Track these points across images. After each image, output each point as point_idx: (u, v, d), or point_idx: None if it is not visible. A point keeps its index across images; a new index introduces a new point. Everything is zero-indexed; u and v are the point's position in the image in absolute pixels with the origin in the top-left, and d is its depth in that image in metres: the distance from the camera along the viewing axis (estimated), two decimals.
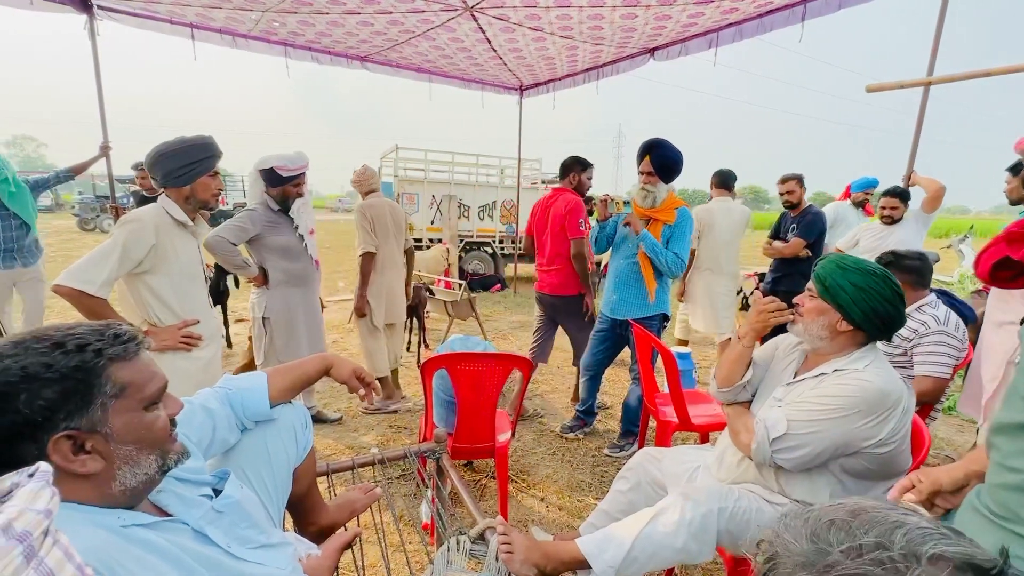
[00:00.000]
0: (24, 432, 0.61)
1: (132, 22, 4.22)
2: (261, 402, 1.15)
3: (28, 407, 0.61)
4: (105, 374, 0.68)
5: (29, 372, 0.62)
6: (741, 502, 1.32)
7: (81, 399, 0.65)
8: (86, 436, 0.66)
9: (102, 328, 0.71)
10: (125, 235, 1.57)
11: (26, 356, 0.63)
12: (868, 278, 1.32)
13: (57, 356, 0.64)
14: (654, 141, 2.57)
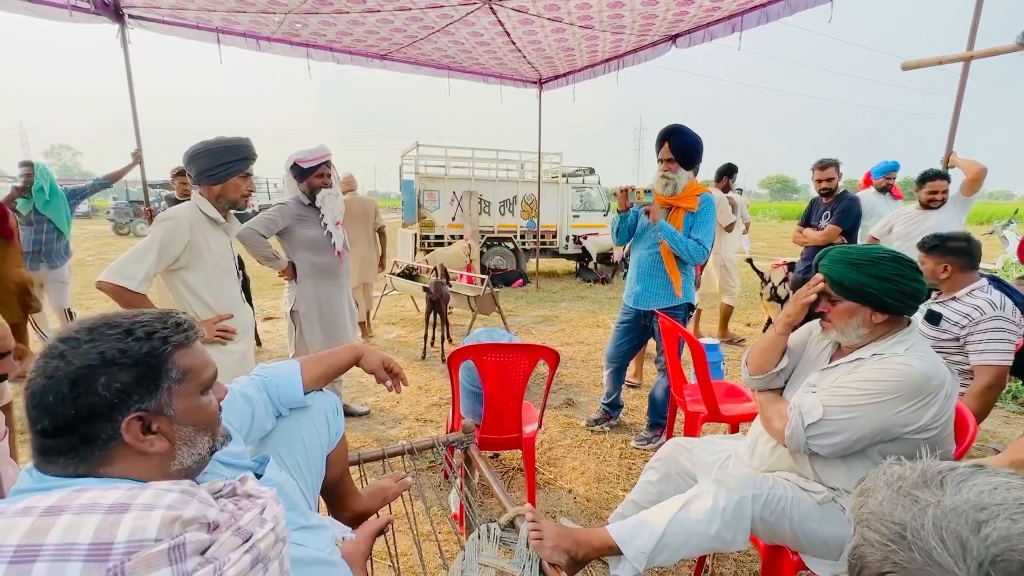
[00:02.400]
0: (103, 412, 0.65)
1: (161, 29, 4.36)
2: (296, 389, 1.18)
3: (107, 389, 0.65)
4: (171, 360, 0.71)
5: (107, 357, 0.66)
6: (776, 490, 1.29)
7: (151, 383, 0.69)
8: (153, 418, 0.69)
9: (164, 316, 0.74)
10: (162, 233, 1.63)
11: (102, 342, 0.66)
12: (883, 265, 1.29)
13: (130, 343, 0.68)
14: (673, 127, 2.53)
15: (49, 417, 0.63)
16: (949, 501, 0.37)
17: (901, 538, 0.37)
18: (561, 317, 6.03)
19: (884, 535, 0.38)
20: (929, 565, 0.35)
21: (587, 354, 4.54)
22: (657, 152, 2.55)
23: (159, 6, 3.95)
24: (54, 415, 0.63)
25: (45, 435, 0.64)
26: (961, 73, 2.94)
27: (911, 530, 0.37)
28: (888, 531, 0.38)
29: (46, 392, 0.63)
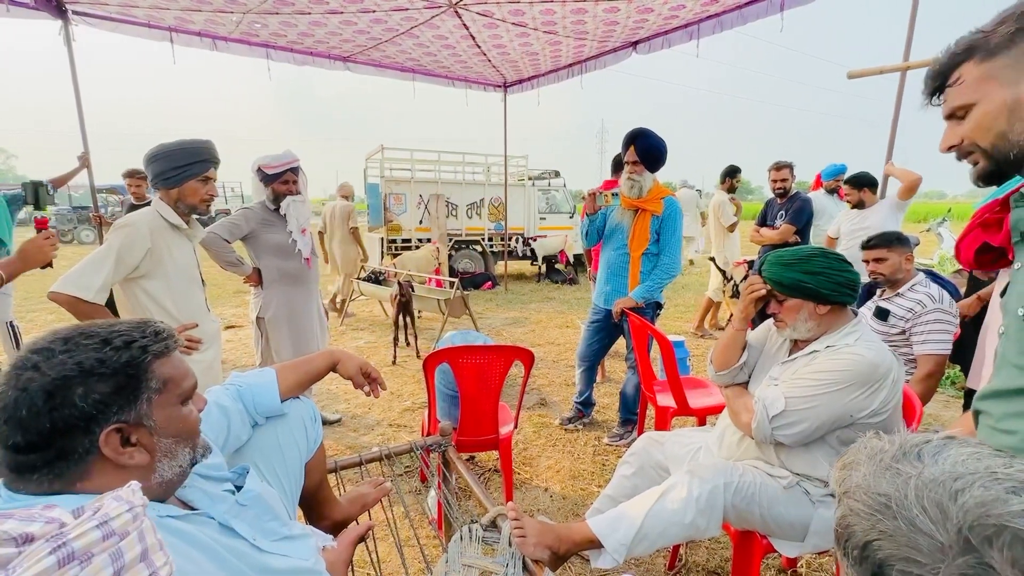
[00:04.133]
0: (80, 425, 0.63)
1: (108, 27, 4.15)
2: (272, 397, 1.15)
3: (84, 401, 0.63)
4: (151, 370, 0.70)
5: (84, 367, 0.64)
6: (745, 477, 1.36)
7: (131, 393, 0.67)
8: (133, 429, 0.67)
9: (142, 325, 0.72)
10: (120, 240, 1.56)
11: (79, 352, 0.64)
12: (812, 262, 1.41)
13: (108, 352, 0.66)
14: (638, 131, 2.61)
15: (23, 432, 0.61)
16: (928, 472, 0.41)
17: (886, 508, 0.41)
18: (531, 318, 6.08)
19: (870, 506, 0.42)
20: (913, 532, 0.38)
21: (557, 354, 4.60)
22: (623, 155, 2.62)
23: (106, 2, 3.77)
24: (28, 429, 0.61)
25: (18, 451, 0.61)
26: (899, 82, 3.16)
27: (895, 500, 0.40)
28: (874, 502, 0.42)
29: (19, 405, 0.61)
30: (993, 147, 0.79)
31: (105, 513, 0.40)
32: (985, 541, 0.35)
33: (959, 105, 0.81)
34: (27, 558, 0.33)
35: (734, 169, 4.91)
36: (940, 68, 0.83)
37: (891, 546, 0.39)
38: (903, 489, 0.41)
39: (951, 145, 0.85)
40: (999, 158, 0.80)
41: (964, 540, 0.36)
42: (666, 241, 2.60)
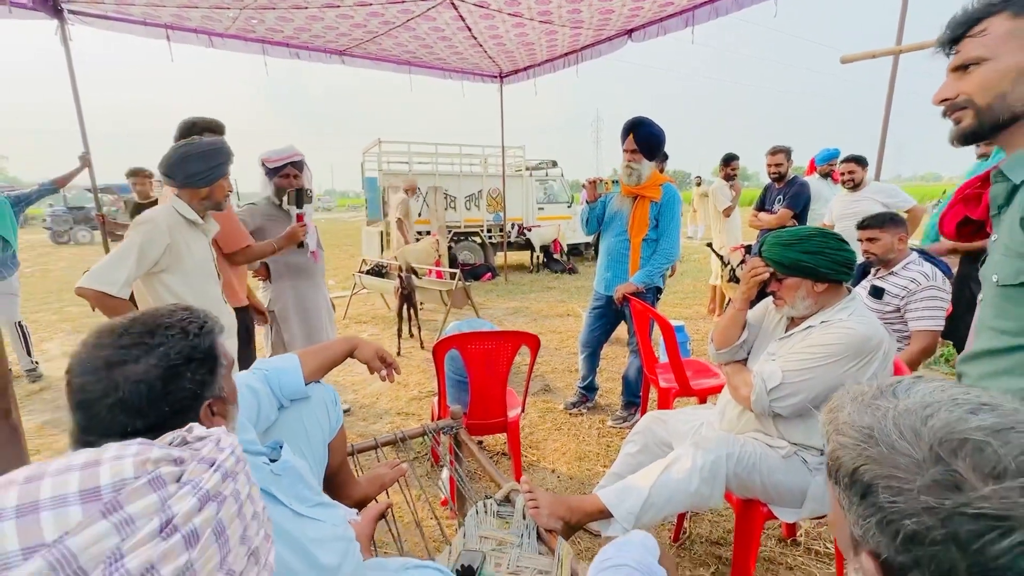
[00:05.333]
0: (189, 404, 0.73)
1: (104, 25, 4.16)
2: (297, 380, 1.22)
3: (191, 383, 0.72)
4: (220, 349, 0.79)
5: (184, 355, 0.72)
6: (746, 448, 1.43)
7: (214, 371, 0.77)
8: (216, 402, 0.77)
9: (196, 311, 0.80)
10: (141, 236, 1.61)
11: (171, 342, 0.72)
12: (810, 242, 1.47)
13: (193, 339, 0.74)
14: (637, 120, 2.66)
15: (143, 418, 0.68)
16: (902, 405, 0.48)
17: (870, 437, 0.47)
18: (531, 308, 6.14)
19: (855, 438, 0.49)
20: (893, 453, 0.45)
21: (559, 342, 4.67)
22: (622, 143, 2.67)
23: (102, 1, 3.77)
24: (147, 414, 0.68)
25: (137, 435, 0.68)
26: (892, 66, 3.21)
27: (877, 430, 0.47)
28: (858, 434, 0.48)
29: (134, 394, 0.67)
30: (988, 106, 0.80)
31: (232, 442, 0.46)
32: (951, 453, 0.42)
33: (973, 57, 0.81)
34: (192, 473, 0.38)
35: (731, 156, 4.96)
36: (970, 15, 0.81)
37: (876, 468, 0.45)
38: (883, 420, 0.47)
39: (945, 98, 0.86)
40: (988, 119, 0.81)
41: (935, 455, 0.43)
42: (665, 227, 2.65)
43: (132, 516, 0.34)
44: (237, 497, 0.41)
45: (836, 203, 3.75)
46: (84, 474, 0.35)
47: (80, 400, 0.70)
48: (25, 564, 0.30)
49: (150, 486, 0.36)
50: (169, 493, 0.36)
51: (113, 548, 0.32)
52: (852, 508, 0.48)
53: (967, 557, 0.40)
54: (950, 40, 0.86)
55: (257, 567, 0.42)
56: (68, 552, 0.31)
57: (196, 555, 0.35)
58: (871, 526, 0.46)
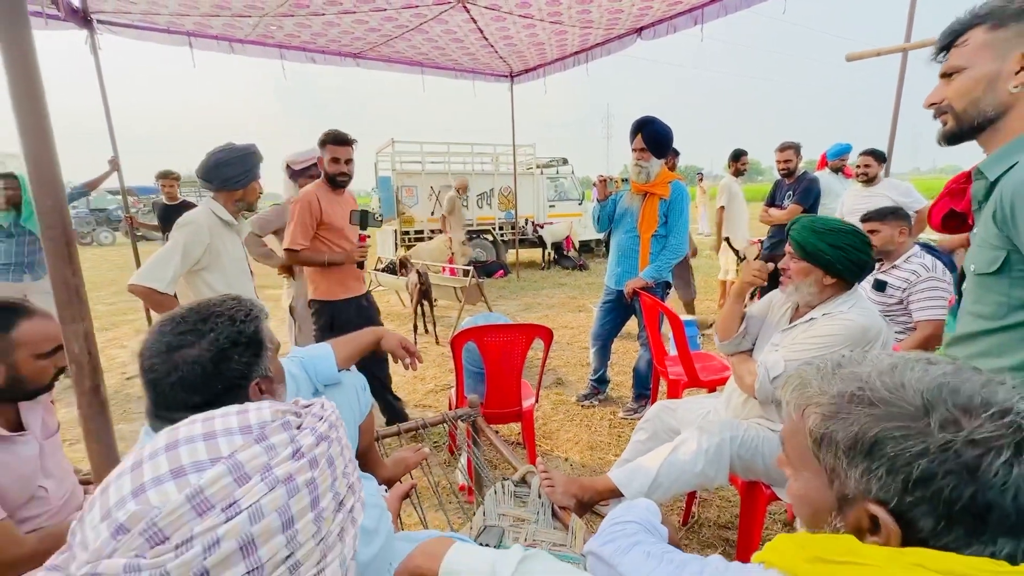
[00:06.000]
0: (239, 383, 0.83)
1: (131, 34, 4.32)
2: (330, 366, 1.33)
3: (239, 364, 0.82)
4: (265, 333, 0.88)
5: (232, 339, 0.82)
6: (749, 432, 1.51)
7: (260, 353, 0.86)
8: (264, 381, 0.86)
9: (243, 299, 0.90)
10: (184, 236, 1.74)
11: (220, 328, 0.82)
12: (840, 236, 1.50)
13: (239, 325, 0.84)
14: (646, 119, 2.73)
15: (200, 394, 0.79)
16: (872, 367, 0.55)
17: (858, 398, 0.53)
18: (543, 303, 6.23)
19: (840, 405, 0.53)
20: (888, 405, 0.50)
21: (571, 337, 4.75)
22: (631, 142, 2.74)
23: (129, 11, 3.94)
24: (203, 391, 0.79)
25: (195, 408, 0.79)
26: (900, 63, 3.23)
27: (866, 388, 0.52)
28: (842, 399, 0.53)
29: (195, 374, 0.78)
30: (964, 111, 0.89)
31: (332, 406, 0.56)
32: (938, 398, 0.49)
33: (954, 66, 0.89)
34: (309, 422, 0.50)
35: (739, 152, 4.99)
36: (956, 27, 0.89)
37: (879, 424, 0.50)
38: (866, 380, 0.53)
39: (932, 102, 0.94)
40: (964, 123, 0.89)
41: (927, 401, 0.49)
42: (673, 223, 2.73)
43: (274, 444, 0.46)
44: (340, 441, 0.52)
45: (848, 197, 3.78)
46: (240, 417, 0.49)
47: (150, 379, 0.82)
48: (212, 468, 0.43)
49: (283, 427, 0.48)
50: (295, 433, 0.49)
51: (265, 463, 0.45)
52: (852, 467, 0.52)
53: (974, 482, 0.46)
54: (940, 48, 0.94)
55: (353, 497, 0.53)
56: (238, 462, 0.44)
57: (317, 474, 0.47)
58: (878, 477, 0.50)
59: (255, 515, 0.42)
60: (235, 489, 0.42)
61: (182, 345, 0.81)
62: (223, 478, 0.42)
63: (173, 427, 0.48)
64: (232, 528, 0.41)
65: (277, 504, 0.44)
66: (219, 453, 0.44)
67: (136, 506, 0.40)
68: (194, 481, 0.42)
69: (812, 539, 0.53)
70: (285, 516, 0.44)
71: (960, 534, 0.48)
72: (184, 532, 0.40)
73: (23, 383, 1.17)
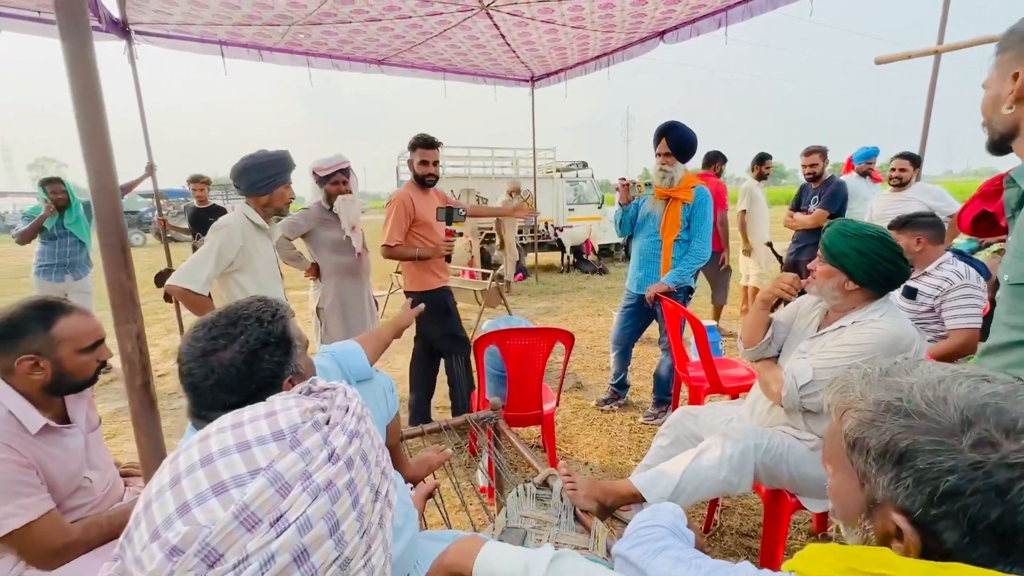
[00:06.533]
0: (272, 380, 0.86)
1: (166, 44, 4.48)
2: (362, 360, 1.38)
3: (270, 363, 0.86)
4: (292, 331, 0.92)
5: (262, 340, 0.86)
6: (774, 439, 1.50)
7: (290, 351, 0.90)
8: (295, 377, 0.90)
9: (269, 300, 0.94)
10: (219, 239, 1.81)
11: (250, 331, 0.86)
12: (867, 242, 1.47)
13: (267, 326, 0.88)
14: (670, 124, 2.73)
15: (236, 393, 0.83)
16: (917, 379, 0.55)
17: (896, 408, 0.53)
18: (562, 307, 6.23)
19: (878, 412, 0.54)
20: (924, 419, 0.51)
21: (591, 341, 4.74)
22: (655, 147, 2.74)
23: (165, 22, 4.08)
24: (239, 390, 0.83)
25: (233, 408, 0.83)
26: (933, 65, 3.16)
27: (905, 400, 0.53)
28: (881, 407, 0.54)
29: (230, 375, 0.82)
30: (985, 127, 0.94)
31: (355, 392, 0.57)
32: (978, 416, 0.49)
33: (984, 84, 0.95)
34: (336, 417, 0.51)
35: (764, 156, 4.92)
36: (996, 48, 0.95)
37: (912, 435, 0.51)
38: (906, 392, 0.54)
39: None
40: (989, 136, 0.94)
41: (965, 419, 0.50)
42: (696, 227, 2.71)
43: (309, 449, 0.47)
44: (370, 433, 0.54)
45: (877, 202, 3.70)
46: (269, 421, 0.49)
47: (189, 383, 0.86)
48: (253, 481, 0.43)
49: (314, 428, 0.49)
50: (326, 433, 0.49)
51: (303, 470, 0.45)
52: (881, 473, 0.53)
53: (1003, 504, 0.46)
54: None
55: (387, 483, 0.55)
56: (277, 473, 0.44)
57: (354, 474, 0.48)
58: (905, 487, 0.51)
59: (304, 526, 0.43)
60: (279, 501, 0.43)
61: (215, 349, 0.85)
62: (266, 491, 0.42)
63: (203, 436, 0.48)
64: (284, 542, 0.41)
65: (323, 511, 0.44)
66: (257, 465, 0.44)
67: (184, 526, 0.41)
68: (237, 497, 0.42)
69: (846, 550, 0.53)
70: (331, 522, 0.45)
71: (986, 552, 0.48)
72: (238, 550, 0.40)
73: (68, 377, 1.23)
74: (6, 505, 1.09)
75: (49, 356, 1.17)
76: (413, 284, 2.81)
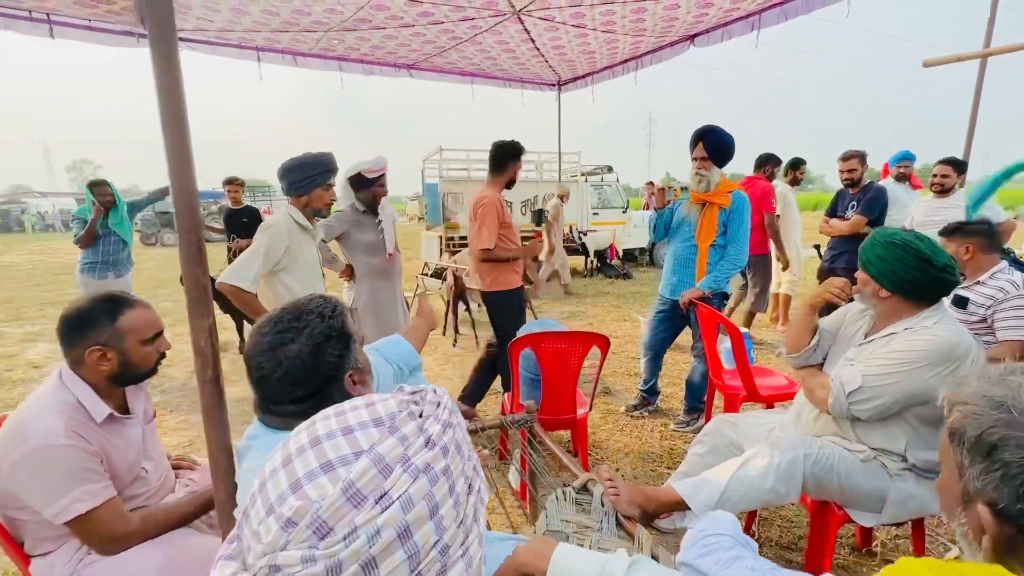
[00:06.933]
0: (335, 373, 0.90)
1: (207, 50, 4.63)
2: (408, 348, 1.41)
3: (333, 356, 0.89)
4: (351, 327, 0.95)
5: (325, 334, 0.89)
6: (824, 449, 1.46)
7: (349, 346, 0.93)
8: (355, 372, 0.92)
9: (329, 297, 0.97)
10: (267, 239, 1.85)
11: (313, 326, 0.89)
12: (890, 250, 1.46)
13: (329, 321, 0.91)
14: (707, 128, 2.70)
15: (304, 386, 0.86)
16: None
17: (1000, 405, 0.55)
18: (587, 312, 6.20)
19: (983, 406, 0.56)
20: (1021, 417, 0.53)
21: (617, 346, 4.70)
22: (691, 151, 2.72)
23: (207, 29, 4.22)
24: (306, 382, 0.86)
25: (301, 401, 0.86)
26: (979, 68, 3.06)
27: (1010, 399, 0.55)
28: (987, 403, 0.56)
29: (294, 368, 0.85)
30: None
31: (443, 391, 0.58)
32: None
33: None
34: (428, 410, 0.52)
35: (798, 161, 4.83)
36: None
37: (1003, 430, 0.54)
38: (1014, 389, 0.56)
39: None
40: None
41: None
42: (734, 233, 2.67)
43: (406, 435, 0.48)
44: (461, 426, 0.55)
45: (918, 208, 3.60)
46: (369, 410, 0.51)
47: (258, 377, 0.88)
48: (357, 461, 0.45)
49: (410, 416, 0.50)
50: (421, 422, 0.50)
51: (402, 453, 0.47)
52: (974, 465, 0.55)
53: None
54: None
55: (479, 479, 0.55)
56: (379, 454, 0.46)
57: (450, 461, 0.49)
58: (993, 480, 0.53)
59: (406, 504, 0.45)
60: (382, 481, 0.45)
61: (283, 343, 0.88)
62: (369, 471, 0.45)
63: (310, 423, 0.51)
64: (389, 518, 0.43)
65: (423, 492, 0.46)
66: (360, 447, 0.47)
67: (297, 500, 0.43)
68: (344, 475, 0.44)
69: (945, 566, 0.52)
70: (431, 503, 0.46)
71: None
72: (346, 523, 0.42)
73: (133, 368, 1.27)
74: (73, 491, 1.13)
75: (115, 347, 1.22)
76: (497, 284, 2.90)
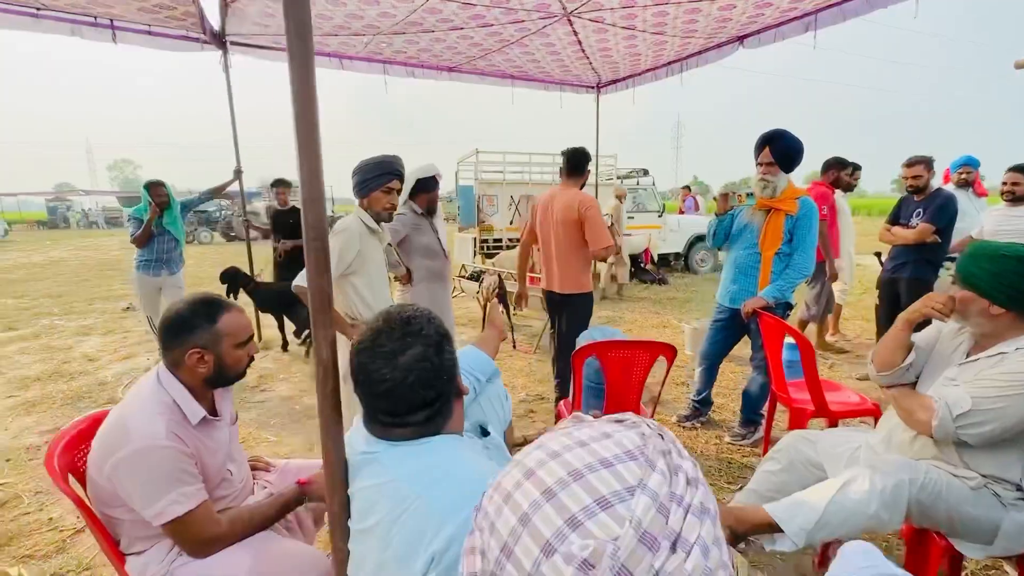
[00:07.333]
0: (454, 373, 0.92)
1: (257, 54, 4.73)
2: (483, 357, 1.39)
3: (449, 358, 0.91)
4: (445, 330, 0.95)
5: (440, 332, 0.91)
6: (931, 475, 1.37)
7: (453, 347, 0.94)
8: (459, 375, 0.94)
9: (412, 304, 0.97)
10: (340, 243, 1.86)
11: (427, 328, 0.90)
12: (1001, 263, 1.37)
13: (434, 323, 0.92)
14: (775, 132, 2.61)
15: (432, 388, 0.85)
16: None
17: None
18: (624, 318, 6.11)
19: None
20: None
21: None
22: (756, 156, 2.63)
23: (259, 34, 4.31)
24: (434, 384, 0.85)
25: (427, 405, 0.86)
26: None
27: None
28: None
29: (424, 369, 0.85)
30: None
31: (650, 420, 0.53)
32: None
33: None
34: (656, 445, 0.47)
35: (854, 166, 4.58)
36: None
37: None
38: None
39: None
40: None
41: None
42: (800, 240, 2.57)
43: (664, 470, 0.43)
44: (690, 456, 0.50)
45: (989, 218, 3.42)
46: (614, 441, 0.46)
47: (385, 389, 0.86)
48: (634, 499, 0.41)
49: (659, 452, 0.45)
50: (670, 458, 0.45)
51: (669, 492, 0.42)
52: None
53: None
54: None
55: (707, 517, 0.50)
56: (654, 492, 0.41)
57: (701, 495, 0.44)
58: None
59: (704, 550, 0.41)
60: (663, 521, 0.41)
61: (405, 348, 0.86)
62: (650, 509, 0.40)
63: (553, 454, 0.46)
64: (696, 566, 0.40)
65: (712, 536, 0.42)
66: (628, 482, 0.42)
67: (584, 539, 0.40)
68: (625, 513, 0.40)
69: None
70: (721, 548, 0.43)
71: None
72: (645, 568, 0.39)
73: (227, 370, 1.28)
74: (171, 492, 1.13)
75: (213, 350, 1.23)
76: (578, 286, 3.01)
